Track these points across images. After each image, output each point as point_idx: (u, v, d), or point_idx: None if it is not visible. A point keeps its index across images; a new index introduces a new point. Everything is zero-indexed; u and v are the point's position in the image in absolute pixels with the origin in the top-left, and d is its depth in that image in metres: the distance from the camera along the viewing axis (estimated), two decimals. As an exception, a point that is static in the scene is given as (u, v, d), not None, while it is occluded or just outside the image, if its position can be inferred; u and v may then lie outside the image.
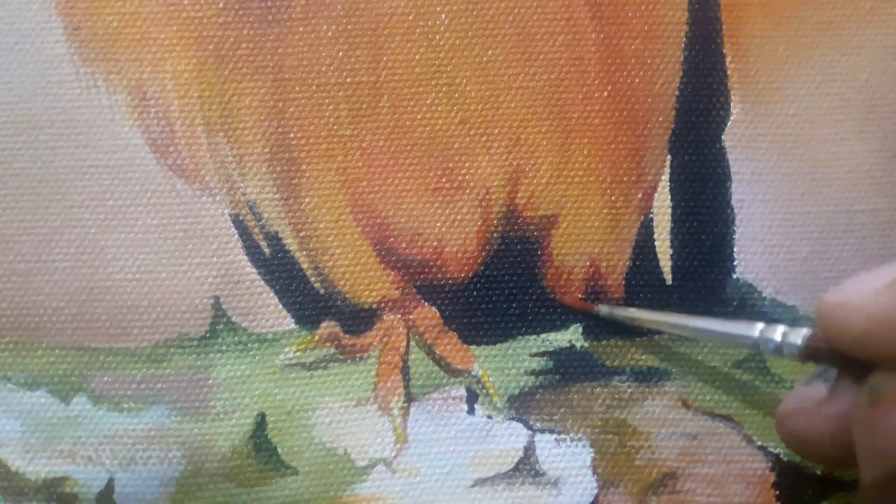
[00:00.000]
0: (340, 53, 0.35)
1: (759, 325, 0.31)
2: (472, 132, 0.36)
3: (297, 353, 0.36)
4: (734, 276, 0.36)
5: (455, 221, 0.36)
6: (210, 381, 0.35)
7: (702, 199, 0.36)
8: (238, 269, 0.35)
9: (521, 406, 0.36)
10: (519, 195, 0.36)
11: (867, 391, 0.28)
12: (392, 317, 0.36)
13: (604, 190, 0.36)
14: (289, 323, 0.36)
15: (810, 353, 0.30)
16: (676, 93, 0.36)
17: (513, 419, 0.36)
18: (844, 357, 0.29)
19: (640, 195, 0.36)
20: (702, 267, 0.36)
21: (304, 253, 0.36)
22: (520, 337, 0.36)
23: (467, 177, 0.36)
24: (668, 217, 0.36)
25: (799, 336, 0.30)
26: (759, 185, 0.36)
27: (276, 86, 0.35)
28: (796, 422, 0.31)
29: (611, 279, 0.36)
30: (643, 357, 0.36)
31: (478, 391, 0.36)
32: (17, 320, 0.35)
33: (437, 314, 0.36)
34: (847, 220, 0.36)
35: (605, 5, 0.35)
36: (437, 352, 0.36)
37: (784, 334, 0.30)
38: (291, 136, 0.35)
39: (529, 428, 0.36)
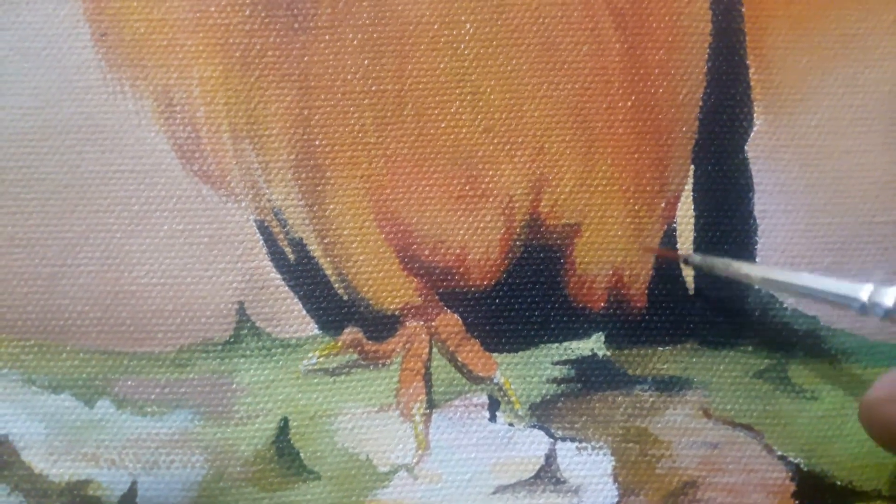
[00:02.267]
0: (366, 62, 0.35)
1: (868, 288, 0.30)
2: (495, 141, 0.36)
3: (321, 359, 0.36)
4: (756, 286, 0.36)
5: (478, 229, 0.36)
6: (233, 386, 0.36)
7: (724, 209, 0.36)
8: (262, 275, 0.36)
9: (542, 414, 0.36)
10: (542, 204, 0.36)
11: None
12: (415, 323, 0.36)
13: (627, 199, 0.36)
14: (312, 329, 0.36)
15: None
16: (700, 103, 0.36)
17: (534, 427, 0.36)
18: None
19: (663, 205, 0.36)
20: (724, 277, 0.36)
21: (329, 259, 0.36)
22: (542, 345, 0.36)
23: (490, 185, 0.36)
24: (691, 227, 0.36)
25: None
26: (781, 196, 0.36)
27: (302, 93, 0.35)
28: (886, 410, 0.30)
29: (633, 288, 0.36)
30: (665, 366, 0.36)
31: (499, 399, 0.36)
32: (43, 324, 0.35)
33: (460, 321, 0.36)
34: (869, 232, 0.36)
35: (630, 16, 0.35)
36: (460, 359, 0.36)
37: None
38: (317, 143, 0.36)
39: (551, 436, 0.36)
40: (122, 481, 0.35)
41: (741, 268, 0.34)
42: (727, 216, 0.36)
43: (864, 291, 0.30)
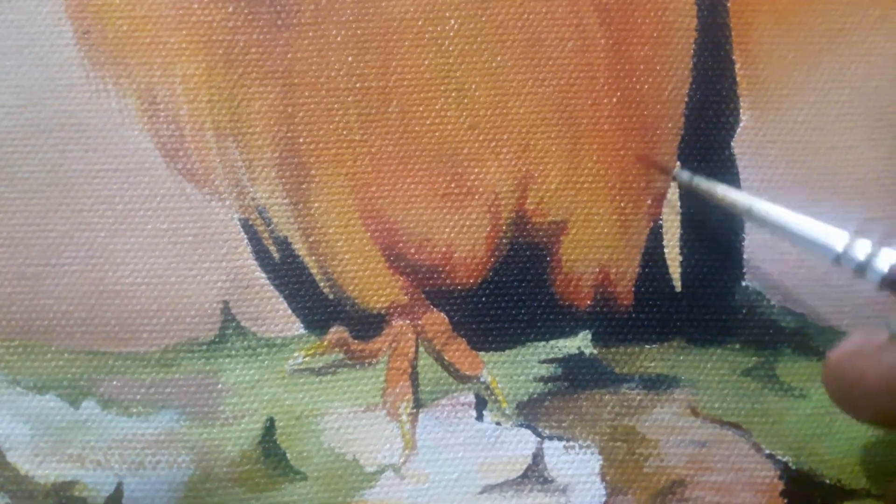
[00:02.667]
0: (350, 58, 0.35)
1: (845, 237, 0.29)
2: (481, 138, 0.36)
3: (306, 359, 0.36)
4: (743, 284, 0.36)
5: (464, 227, 0.36)
6: (219, 386, 0.35)
7: (711, 206, 0.36)
8: (247, 274, 0.36)
9: (529, 413, 0.36)
10: (528, 201, 0.36)
11: None
12: (401, 322, 0.36)
13: (613, 196, 0.36)
14: (298, 328, 0.36)
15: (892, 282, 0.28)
16: (686, 99, 0.36)
17: (521, 426, 0.36)
18: None
19: (649, 201, 0.36)
20: (711, 274, 0.36)
21: (314, 258, 0.36)
22: (528, 343, 0.36)
23: (476, 182, 0.36)
24: (678, 224, 0.36)
25: (886, 262, 0.28)
26: (768, 192, 0.36)
27: (286, 90, 0.35)
28: (851, 366, 0.29)
29: (620, 286, 0.36)
30: (652, 364, 0.36)
31: (486, 397, 0.36)
32: (27, 324, 0.35)
33: (446, 320, 0.36)
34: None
35: (615, 11, 0.35)
36: (446, 358, 0.36)
37: (869, 255, 0.28)
38: (301, 140, 0.35)
39: (538, 435, 0.36)
40: (108, 482, 0.35)
41: (728, 194, 0.34)
42: (714, 213, 0.36)
43: (840, 242, 0.29)
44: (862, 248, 0.29)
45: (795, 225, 0.31)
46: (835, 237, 0.30)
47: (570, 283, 0.36)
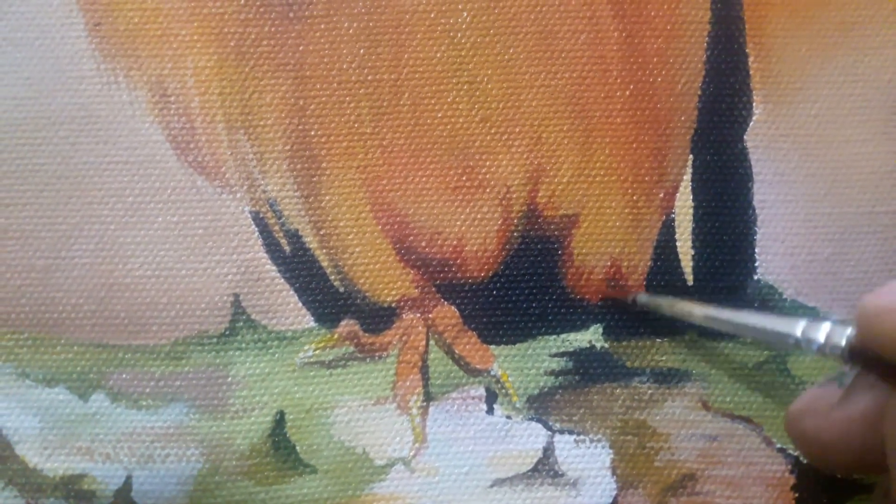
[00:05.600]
0: (362, 51, 0.35)
1: (802, 324, 0.30)
2: (492, 131, 0.36)
3: (317, 352, 0.36)
4: (755, 277, 0.36)
5: (475, 220, 0.36)
6: (229, 379, 0.35)
7: (724, 199, 0.36)
8: (258, 267, 0.35)
9: (540, 406, 0.36)
10: (540, 194, 0.36)
11: None
12: (411, 316, 0.36)
13: (625, 189, 0.36)
14: (308, 321, 0.36)
15: (855, 354, 0.29)
16: (699, 92, 0.36)
17: (532, 419, 0.36)
18: (888, 361, 0.28)
19: (661, 195, 0.36)
20: (723, 268, 0.36)
21: (324, 251, 0.36)
22: (539, 337, 0.36)
23: (488, 175, 0.36)
24: (690, 217, 0.36)
25: (843, 337, 0.29)
26: (781, 186, 0.36)
27: (297, 83, 0.35)
28: (806, 423, 0.31)
29: (632, 279, 0.36)
30: (663, 358, 0.36)
31: (497, 391, 0.36)
32: (37, 317, 0.35)
33: (457, 313, 0.36)
34: (869, 222, 0.36)
35: (628, 4, 0.35)
36: (457, 351, 0.36)
37: (828, 335, 0.29)
38: (312, 133, 0.35)
39: (549, 428, 0.36)
40: (117, 475, 0.35)
41: (684, 307, 0.34)
42: (726, 206, 0.36)
43: (798, 328, 0.30)
44: (821, 331, 0.30)
45: (752, 321, 0.32)
46: (791, 326, 0.30)
47: (582, 276, 0.36)
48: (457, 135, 0.35)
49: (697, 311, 0.34)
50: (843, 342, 0.29)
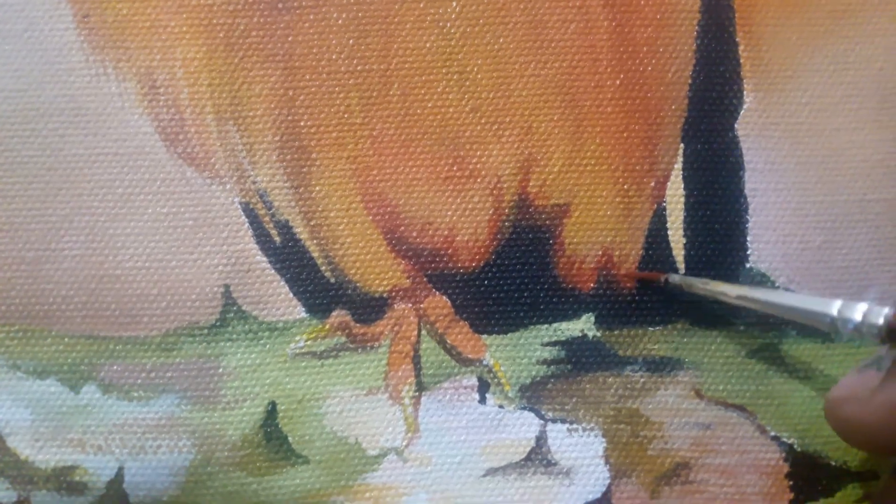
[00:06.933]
0: (351, 41, 0.35)
1: (837, 304, 0.30)
2: (483, 120, 0.35)
3: (308, 342, 0.36)
4: (747, 266, 0.36)
5: (466, 210, 0.36)
6: (220, 370, 0.35)
7: (715, 188, 0.36)
8: (248, 258, 0.35)
9: (532, 396, 0.36)
10: (531, 184, 0.36)
11: None
12: (403, 306, 0.36)
13: (616, 178, 0.36)
14: (299, 312, 0.36)
15: (893, 334, 0.29)
16: (689, 81, 0.35)
17: (524, 409, 0.36)
18: None
19: (652, 184, 0.36)
20: (715, 256, 0.36)
21: (315, 241, 0.36)
22: (531, 326, 0.36)
23: (478, 165, 0.36)
24: (681, 206, 0.36)
25: (880, 315, 0.29)
26: (772, 175, 0.35)
27: (287, 74, 0.35)
28: (847, 409, 0.30)
29: (623, 268, 0.36)
30: (656, 347, 0.36)
31: (489, 381, 0.36)
32: (27, 309, 0.35)
33: (449, 303, 0.36)
34: (861, 210, 0.35)
35: (618, -7, 0.35)
36: (449, 341, 0.36)
37: (865, 314, 0.29)
38: (302, 124, 0.35)
39: (541, 418, 0.36)
40: (109, 467, 0.35)
41: (717, 286, 0.34)
42: (717, 195, 0.36)
43: (834, 307, 0.30)
44: (857, 310, 0.30)
45: (788, 301, 0.32)
46: (827, 306, 0.30)
47: (573, 265, 0.36)
48: (447, 125, 0.35)
49: (731, 290, 0.34)
50: (882, 321, 0.29)
